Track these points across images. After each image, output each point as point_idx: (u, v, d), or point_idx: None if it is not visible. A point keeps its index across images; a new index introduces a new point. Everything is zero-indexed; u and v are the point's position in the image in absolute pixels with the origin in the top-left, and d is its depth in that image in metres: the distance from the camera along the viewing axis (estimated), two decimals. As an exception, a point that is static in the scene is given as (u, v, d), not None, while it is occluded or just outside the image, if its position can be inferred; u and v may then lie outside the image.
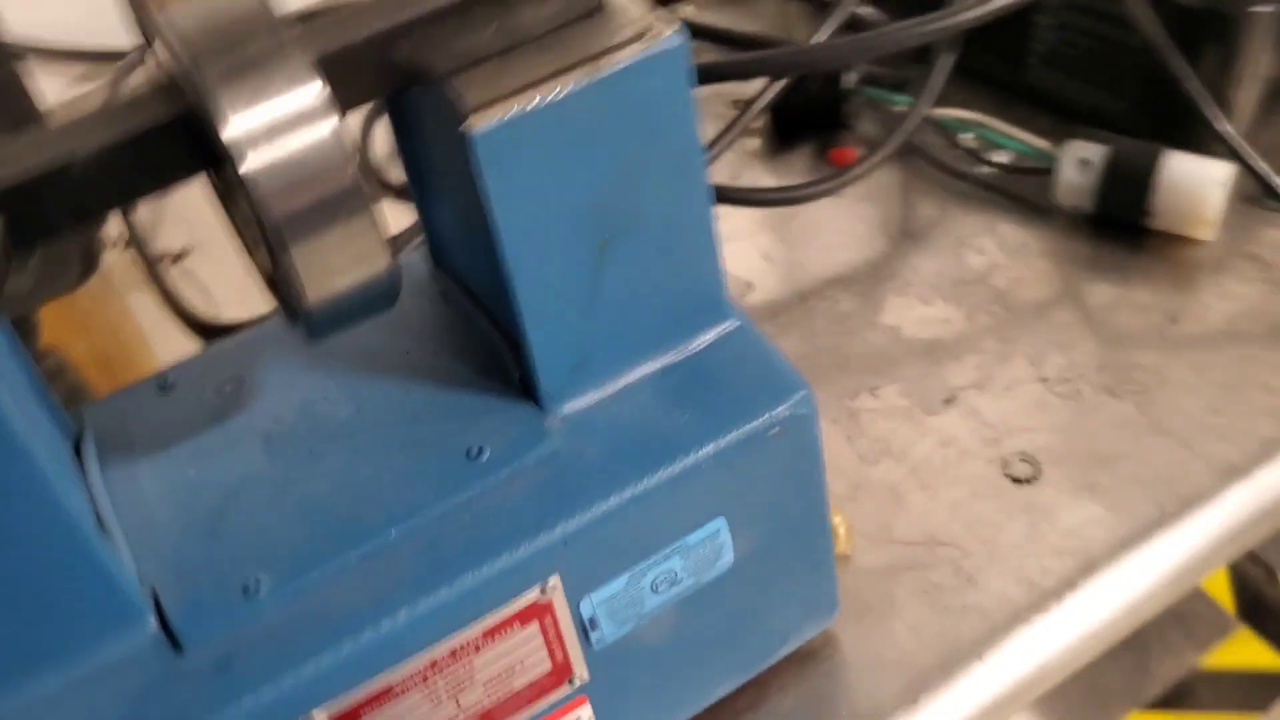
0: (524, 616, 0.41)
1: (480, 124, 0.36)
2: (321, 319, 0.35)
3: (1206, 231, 0.66)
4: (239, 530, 0.41)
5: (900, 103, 0.74)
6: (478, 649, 0.41)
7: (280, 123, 0.32)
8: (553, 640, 0.43)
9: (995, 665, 0.52)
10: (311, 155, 0.33)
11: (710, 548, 0.45)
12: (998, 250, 0.70)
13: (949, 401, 0.62)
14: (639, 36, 0.38)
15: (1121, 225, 0.69)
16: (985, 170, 0.74)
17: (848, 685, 0.52)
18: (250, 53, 0.32)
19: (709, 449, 0.42)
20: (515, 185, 0.37)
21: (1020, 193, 0.73)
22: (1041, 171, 0.70)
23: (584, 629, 0.43)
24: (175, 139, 0.34)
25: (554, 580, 0.41)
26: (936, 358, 0.64)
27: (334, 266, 0.34)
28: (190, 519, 0.41)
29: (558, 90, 0.36)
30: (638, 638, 0.45)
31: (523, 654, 0.42)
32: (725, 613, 0.47)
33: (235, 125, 0.32)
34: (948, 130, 0.74)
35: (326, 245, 0.33)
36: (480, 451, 0.42)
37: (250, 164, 0.32)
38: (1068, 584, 0.54)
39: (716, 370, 0.44)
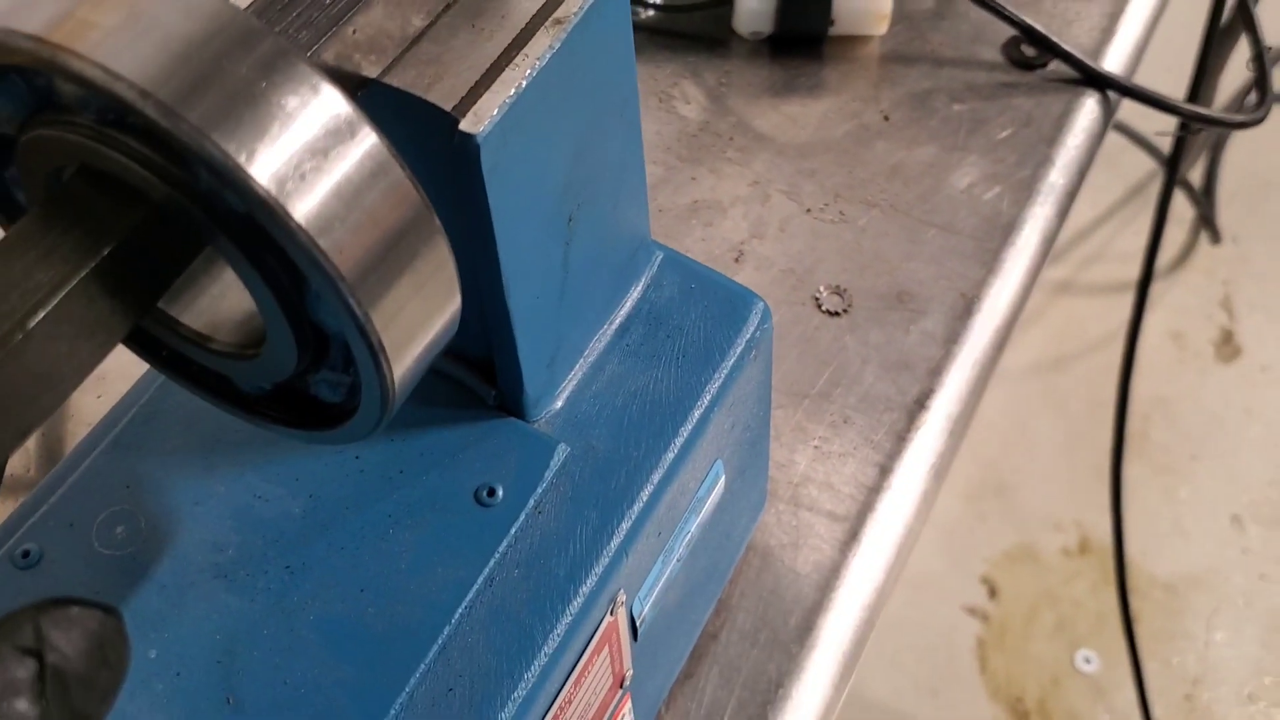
0: (599, 646, 0.37)
1: (478, 125, 0.29)
2: (399, 397, 0.27)
3: (883, 26, 0.68)
4: (265, 699, 0.32)
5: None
6: (570, 702, 0.36)
7: (318, 148, 0.24)
8: (615, 655, 0.39)
9: (901, 486, 0.54)
10: (369, 178, 0.24)
11: (712, 491, 0.42)
12: (700, 94, 0.69)
13: (739, 259, 0.62)
14: (582, -28, 0.32)
15: (799, 41, 0.70)
16: (650, 15, 0.71)
17: (793, 565, 0.52)
18: (239, 73, 0.23)
19: (707, 396, 0.39)
20: (510, 183, 0.31)
21: (691, 30, 0.71)
22: (707, 5, 0.69)
23: (634, 628, 0.39)
24: (145, 254, 0.24)
25: (621, 595, 0.37)
26: (705, 219, 0.63)
27: (414, 321, 0.26)
28: (198, 706, 0.32)
29: (536, 61, 0.30)
30: (662, 609, 0.42)
31: (598, 684, 0.38)
32: (712, 544, 0.45)
33: (264, 167, 0.23)
34: (604, -17, 0.71)
35: (406, 295, 0.26)
36: (491, 491, 0.36)
37: (303, 209, 0.23)
38: (926, 391, 0.57)
39: (670, 311, 0.40)
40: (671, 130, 0.67)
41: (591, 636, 0.36)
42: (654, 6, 0.71)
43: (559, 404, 0.38)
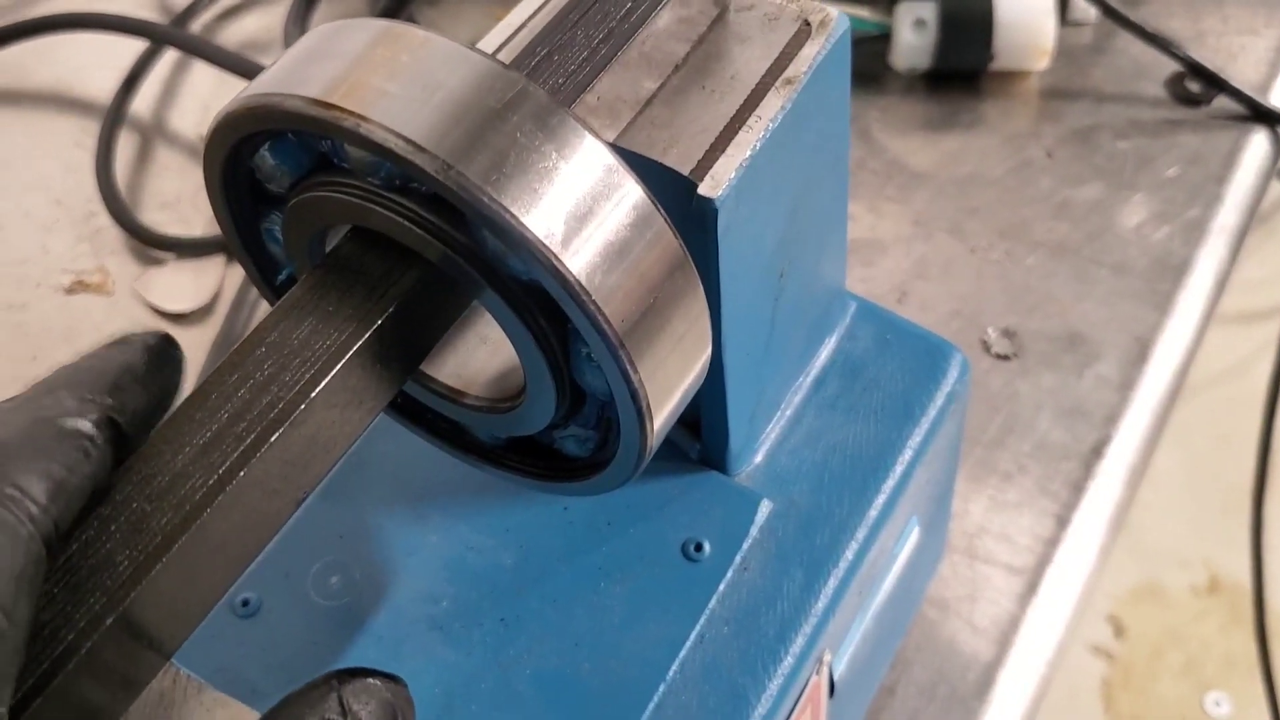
0: (804, 706, 0.36)
1: (716, 189, 0.29)
2: (653, 453, 0.27)
3: (1044, 61, 0.67)
4: (485, 754, 0.32)
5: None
6: (777, 762, 0.35)
7: (585, 204, 0.24)
8: (815, 714, 0.38)
9: (1079, 539, 0.53)
10: (638, 234, 0.24)
11: (905, 548, 0.41)
12: (856, 131, 0.68)
13: (902, 299, 0.61)
14: (808, 29, 0.32)
15: (955, 75, 0.69)
16: (805, 53, 0.71)
17: (970, 618, 0.51)
18: (506, 129, 0.23)
19: (909, 451, 0.38)
20: (738, 243, 0.30)
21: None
22: (862, 41, 0.69)
23: (832, 687, 0.39)
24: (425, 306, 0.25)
25: (826, 655, 0.36)
26: (866, 258, 0.62)
27: (675, 376, 0.26)
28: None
29: (770, 123, 0.30)
30: (854, 665, 0.41)
31: (799, 743, 0.37)
32: (898, 599, 0.44)
33: (552, 232, 0.23)
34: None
35: (668, 351, 0.26)
36: (698, 546, 0.36)
37: (576, 262, 0.23)
38: (1103, 439, 0.55)
39: (866, 363, 0.40)
40: (828, 169, 0.67)
41: (800, 697, 0.35)
42: (807, 44, 0.71)
43: (759, 458, 0.38)
